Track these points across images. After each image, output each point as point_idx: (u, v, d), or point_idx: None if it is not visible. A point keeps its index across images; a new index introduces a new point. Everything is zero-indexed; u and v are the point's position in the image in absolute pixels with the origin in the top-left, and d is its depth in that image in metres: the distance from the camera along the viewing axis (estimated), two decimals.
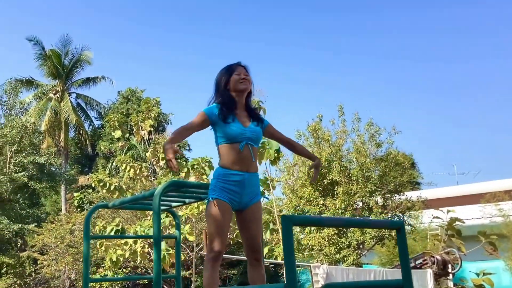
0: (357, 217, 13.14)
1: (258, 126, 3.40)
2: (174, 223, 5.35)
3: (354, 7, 51.71)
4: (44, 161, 23.81)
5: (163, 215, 9.46)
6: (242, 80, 3.34)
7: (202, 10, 52.71)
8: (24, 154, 23.50)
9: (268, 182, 11.77)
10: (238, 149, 3.22)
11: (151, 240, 6.05)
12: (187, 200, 3.92)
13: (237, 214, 3.33)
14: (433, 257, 9.62)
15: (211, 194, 3.20)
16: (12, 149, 23.18)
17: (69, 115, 29.42)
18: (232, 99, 3.34)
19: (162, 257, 9.20)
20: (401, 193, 13.90)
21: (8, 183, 22.65)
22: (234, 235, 10.20)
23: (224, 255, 3.31)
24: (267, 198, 12.73)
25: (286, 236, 2.03)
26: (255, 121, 3.40)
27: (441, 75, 51.42)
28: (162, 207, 3.95)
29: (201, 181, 10.76)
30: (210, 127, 3.33)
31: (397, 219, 13.75)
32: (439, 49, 50.93)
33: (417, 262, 10.52)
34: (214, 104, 3.35)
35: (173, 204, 3.92)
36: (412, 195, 14.72)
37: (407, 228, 13.94)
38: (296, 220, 2.09)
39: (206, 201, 3.26)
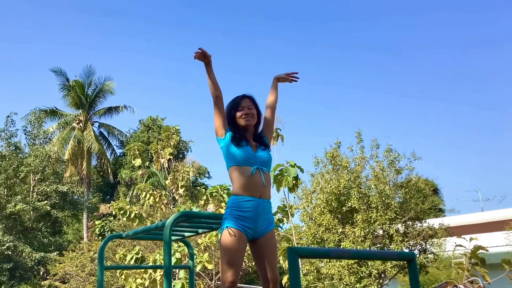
0: (376, 246, 12.93)
1: (265, 151, 3.44)
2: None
3: (373, 29, 51.92)
4: (67, 189, 24.16)
5: (182, 244, 9.47)
6: (244, 115, 3.42)
7: (219, 44, 53.54)
8: (47, 182, 23.90)
9: (286, 209, 11.73)
10: (249, 173, 3.24)
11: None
12: (200, 230, 3.93)
13: (252, 244, 3.30)
14: (456, 286, 9.39)
15: (225, 223, 3.18)
16: (36, 178, 23.60)
17: (91, 144, 29.90)
18: (241, 130, 3.43)
19: (181, 286, 9.16)
20: (423, 221, 13.65)
21: (31, 212, 23.01)
22: (253, 264, 10.13)
23: (243, 285, 3.29)
24: (281, 227, 12.65)
25: (292, 268, 2.02)
26: (262, 146, 3.45)
27: (465, 100, 50.97)
28: (175, 237, 3.97)
29: (220, 209, 10.77)
30: (220, 145, 3.38)
31: (419, 247, 13.48)
32: (459, 71, 50.60)
33: None
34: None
35: (186, 234, 3.94)
36: (434, 222, 14.46)
37: (430, 256, 13.65)
38: (302, 252, 2.09)
39: (219, 230, 3.25)
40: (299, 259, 2.03)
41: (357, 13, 52.09)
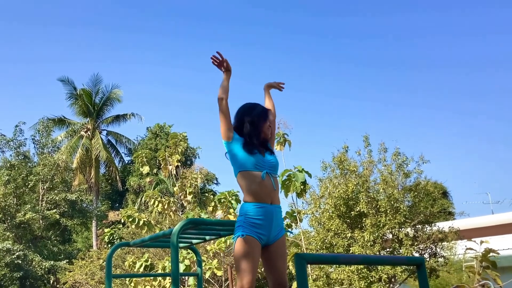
0: (386, 250, 12.83)
1: (272, 155, 3.45)
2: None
3: (383, 36, 51.87)
4: (76, 197, 24.24)
5: (191, 251, 9.46)
6: (269, 127, 3.50)
7: (227, 51, 53.70)
8: (56, 191, 24.00)
9: (295, 214, 11.69)
10: (260, 178, 3.24)
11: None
12: (207, 237, 3.92)
13: (263, 250, 3.29)
14: None
15: (238, 231, 3.18)
16: (45, 187, 23.71)
17: (99, 152, 30.01)
18: (259, 140, 3.45)
19: None
20: (433, 224, 13.53)
21: (40, 221, 23.11)
22: (263, 270, 10.10)
23: None
24: (291, 232, 12.59)
25: (300, 275, 2.00)
26: (268, 151, 3.46)
27: (473, 102, 50.70)
28: (182, 245, 3.96)
29: (228, 215, 10.76)
30: (227, 149, 3.37)
31: (429, 251, 13.36)
32: (464, 71, 50.40)
33: None
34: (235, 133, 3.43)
35: (194, 241, 3.93)
36: (444, 225, 14.33)
37: (440, 260, 13.52)
38: (309, 259, 2.07)
39: (233, 238, 3.24)
40: (308, 265, 2.01)
41: (367, 18, 52.07)
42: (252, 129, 3.41)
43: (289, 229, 10.56)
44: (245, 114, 3.47)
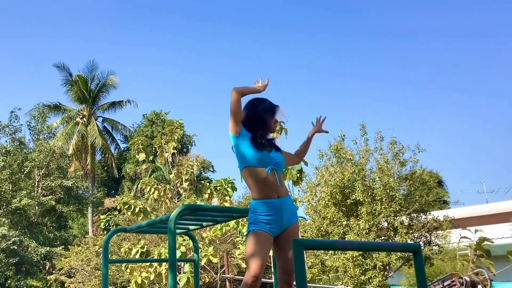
0: (381, 238, 12.92)
1: (278, 152, 3.47)
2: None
3: (379, 29, 51.70)
4: (71, 184, 24.22)
5: (187, 238, 9.49)
6: (275, 122, 3.52)
7: (224, 34, 53.48)
8: (51, 177, 23.97)
9: None
10: (264, 174, 3.27)
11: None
12: (204, 223, 3.92)
13: (275, 238, 3.32)
14: (462, 278, 9.37)
15: (251, 227, 3.23)
16: (40, 173, 23.68)
17: (95, 138, 29.93)
18: (266, 135, 3.47)
19: (186, 279, 9.19)
20: (427, 213, 13.62)
21: (36, 207, 23.12)
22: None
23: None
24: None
25: (298, 260, 2.01)
26: (274, 148, 3.48)
27: (469, 91, 50.75)
28: (179, 231, 3.97)
29: (224, 202, 10.77)
30: (234, 143, 3.37)
31: (424, 239, 13.46)
32: (466, 62, 50.42)
33: (445, 283, 10.21)
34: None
35: (191, 227, 3.93)
36: (439, 214, 14.44)
37: (435, 248, 13.63)
38: (307, 244, 2.08)
39: (246, 234, 3.28)
40: (304, 252, 2.02)
41: (364, 1, 51.85)
42: (260, 124, 3.43)
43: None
44: (253, 109, 3.48)
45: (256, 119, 3.43)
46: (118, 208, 12.66)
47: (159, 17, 53.93)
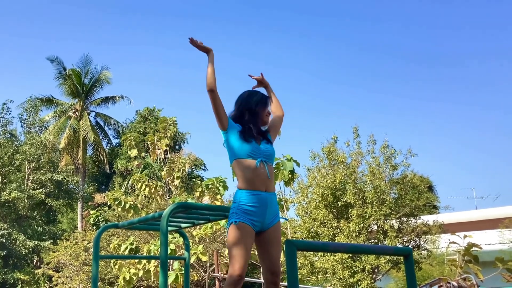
0: (371, 241, 12.97)
1: (269, 144, 3.45)
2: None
3: (373, 33, 51.89)
4: (62, 178, 24.11)
5: (177, 235, 9.47)
6: (268, 114, 3.51)
7: (221, 33, 53.36)
8: (42, 171, 23.84)
9: (282, 203, 11.74)
10: (254, 166, 3.24)
11: None
12: (196, 222, 3.92)
13: (257, 236, 3.29)
14: (449, 283, 9.43)
15: (232, 217, 3.18)
16: (31, 166, 23.54)
17: (87, 133, 29.77)
18: (256, 126, 3.43)
19: (175, 277, 9.17)
20: (417, 217, 13.71)
21: (26, 200, 22.97)
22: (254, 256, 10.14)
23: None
24: (286, 219, 12.66)
25: (290, 261, 2.02)
26: (265, 140, 3.45)
27: (463, 100, 51.02)
28: (171, 228, 3.96)
29: (215, 201, 10.77)
30: (224, 138, 3.36)
31: (413, 243, 13.54)
32: (457, 67, 50.67)
33: None
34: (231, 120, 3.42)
35: (183, 225, 3.92)
36: (429, 219, 14.52)
37: (424, 252, 13.71)
38: (300, 245, 2.08)
39: (226, 225, 3.25)
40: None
41: (361, 12, 52.01)
42: (252, 116, 3.41)
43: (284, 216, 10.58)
44: (245, 101, 3.46)
45: (248, 111, 3.42)
46: (108, 203, 12.60)
47: (153, 15, 53.76)
